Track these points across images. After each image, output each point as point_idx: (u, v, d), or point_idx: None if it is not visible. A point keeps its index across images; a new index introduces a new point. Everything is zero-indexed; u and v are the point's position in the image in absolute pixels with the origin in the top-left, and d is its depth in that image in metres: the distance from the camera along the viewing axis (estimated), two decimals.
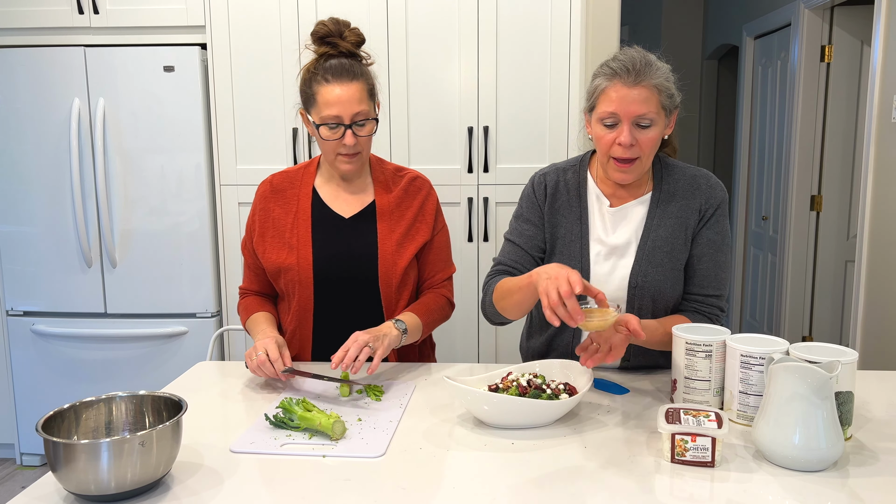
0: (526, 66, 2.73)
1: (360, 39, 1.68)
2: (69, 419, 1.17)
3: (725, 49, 5.24)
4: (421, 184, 1.79)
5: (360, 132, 1.64)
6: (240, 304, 1.83)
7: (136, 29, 2.85)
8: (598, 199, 1.63)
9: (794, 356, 1.25)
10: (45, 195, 2.91)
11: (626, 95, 1.46)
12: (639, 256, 1.58)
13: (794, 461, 1.15)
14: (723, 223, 1.60)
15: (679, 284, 1.60)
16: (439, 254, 1.81)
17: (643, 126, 1.48)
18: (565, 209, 1.64)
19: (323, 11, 2.72)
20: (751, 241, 4.61)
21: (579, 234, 1.62)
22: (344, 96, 1.60)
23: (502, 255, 1.69)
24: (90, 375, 2.99)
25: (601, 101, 1.50)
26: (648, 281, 1.57)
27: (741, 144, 4.66)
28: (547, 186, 1.65)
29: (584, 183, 1.64)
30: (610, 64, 1.50)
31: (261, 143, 2.78)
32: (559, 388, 1.36)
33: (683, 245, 1.59)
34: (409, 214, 1.75)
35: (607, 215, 1.62)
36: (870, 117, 2.92)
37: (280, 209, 1.75)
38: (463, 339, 2.88)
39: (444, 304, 1.79)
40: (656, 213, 1.60)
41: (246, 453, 1.24)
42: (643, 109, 1.46)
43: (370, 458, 1.22)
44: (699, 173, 1.63)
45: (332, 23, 1.65)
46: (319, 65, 1.63)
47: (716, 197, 1.60)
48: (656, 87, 1.47)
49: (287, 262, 1.70)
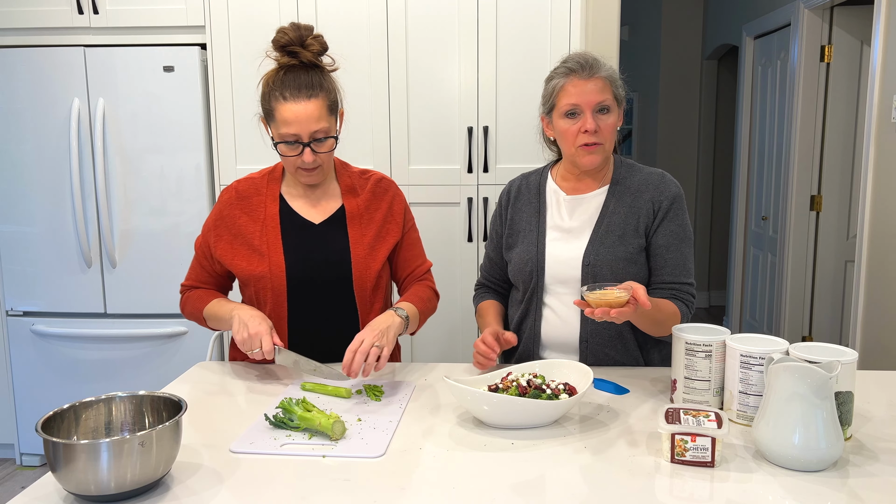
0: (526, 66, 2.73)
1: (323, 48, 1.63)
2: (69, 419, 1.17)
3: (725, 49, 5.24)
4: (387, 185, 1.79)
5: (319, 149, 1.61)
6: (189, 296, 1.77)
7: (136, 29, 2.84)
8: (555, 193, 1.76)
9: (794, 356, 1.25)
10: (45, 195, 2.91)
11: (584, 87, 1.60)
12: (592, 238, 1.67)
13: (793, 461, 1.15)
14: (682, 216, 1.69)
15: (632, 266, 1.65)
16: (413, 249, 1.81)
17: (603, 113, 1.61)
18: (525, 206, 1.78)
19: (323, 11, 2.72)
20: (751, 241, 4.61)
21: (537, 223, 1.74)
22: (302, 115, 1.56)
23: (482, 270, 1.91)
24: (90, 376, 2.99)
25: (561, 97, 1.62)
26: (600, 259, 1.64)
27: (741, 144, 4.66)
28: (511, 191, 1.82)
29: (544, 182, 1.79)
30: (563, 65, 1.65)
31: (260, 143, 2.78)
32: (559, 388, 1.36)
33: (634, 232, 1.66)
34: (378, 216, 1.74)
35: (563, 203, 1.74)
36: (869, 117, 2.92)
37: (246, 216, 1.71)
38: (463, 339, 2.88)
39: (432, 295, 1.80)
40: (611, 201, 1.70)
41: (246, 453, 1.24)
42: (601, 97, 1.60)
43: (370, 458, 1.22)
44: (655, 171, 1.74)
45: (293, 30, 1.60)
46: (278, 79, 1.59)
47: (669, 191, 1.69)
48: (609, 79, 1.62)
49: (258, 269, 1.67)
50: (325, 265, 1.69)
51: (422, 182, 2.79)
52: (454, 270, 2.83)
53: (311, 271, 1.69)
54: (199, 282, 1.79)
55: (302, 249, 1.69)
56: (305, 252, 1.69)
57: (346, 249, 1.70)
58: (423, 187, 2.79)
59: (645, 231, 1.67)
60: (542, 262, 1.70)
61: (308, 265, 1.69)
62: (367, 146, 2.78)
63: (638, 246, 1.66)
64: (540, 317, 1.73)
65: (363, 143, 2.77)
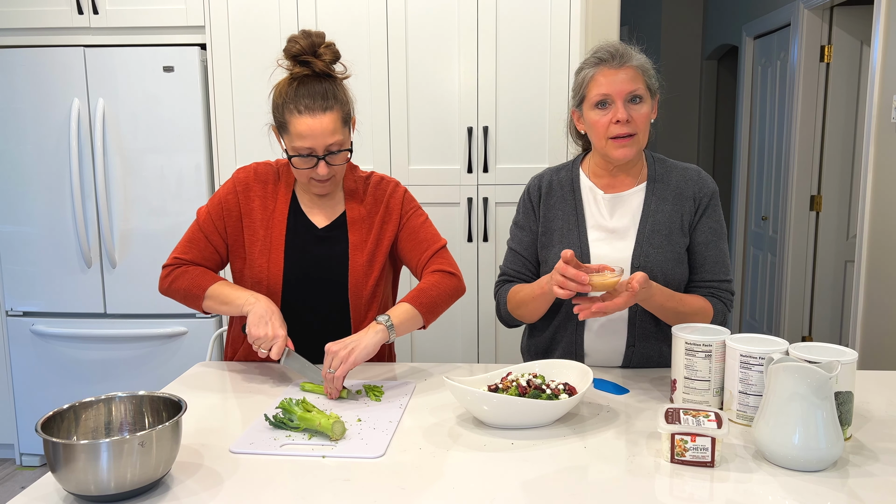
0: (526, 66, 2.73)
1: (336, 56, 1.60)
2: (69, 419, 1.17)
3: (725, 49, 5.24)
4: (385, 185, 1.75)
5: (333, 161, 1.60)
6: (181, 270, 1.67)
7: (136, 29, 2.84)
8: (591, 190, 1.69)
9: (794, 356, 1.25)
10: (45, 195, 2.91)
11: (615, 76, 1.55)
12: (639, 239, 1.62)
13: (793, 461, 1.15)
14: (719, 213, 1.67)
15: (679, 267, 1.63)
16: (417, 235, 1.72)
17: (635, 103, 1.56)
18: (560, 204, 1.69)
19: (323, 11, 2.72)
20: (750, 241, 4.61)
21: (576, 223, 1.67)
22: (317, 129, 1.54)
23: (506, 264, 1.77)
24: (90, 376, 2.99)
25: (591, 87, 1.57)
26: (650, 261, 1.60)
27: (741, 144, 4.66)
28: (542, 187, 1.72)
29: (577, 178, 1.71)
30: (593, 55, 1.60)
31: (260, 144, 2.78)
32: (559, 389, 1.36)
33: (680, 231, 1.63)
34: (377, 220, 1.72)
35: (602, 202, 1.67)
36: (869, 117, 2.92)
37: (259, 201, 1.69)
38: (463, 339, 2.88)
39: (440, 279, 1.67)
40: (652, 199, 1.65)
41: (245, 454, 1.24)
42: (633, 86, 1.55)
43: (370, 458, 1.22)
44: (690, 167, 1.71)
45: (304, 38, 1.56)
46: (292, 90, 1.56)
47: (708, 187, 1.66)
48: (640, 68, 1.58)
49: (258, 262, 1.66)
50: (322, 270, 1.68)
51: (422, 182, 2.79)
52: None
53: (308, 275, 1.68)
54: (193, 255, 1.69)
55: (303, 252, 1.69)
56: (305, 255, 1.68)
57: (345, 255, 1.69)
58: (422, 187, 2.79)
59: (688, 229, 1.64)
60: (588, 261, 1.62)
61: (306, 268, 1.68)
62: (367, 146, 2.78)
63: (683, 245, 1.64)
64: (582, 324, 1.67)
65: (363, 143, 2.77)
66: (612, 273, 1.42)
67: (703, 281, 1.66)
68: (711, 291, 1.65)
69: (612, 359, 1.68)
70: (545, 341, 1.73)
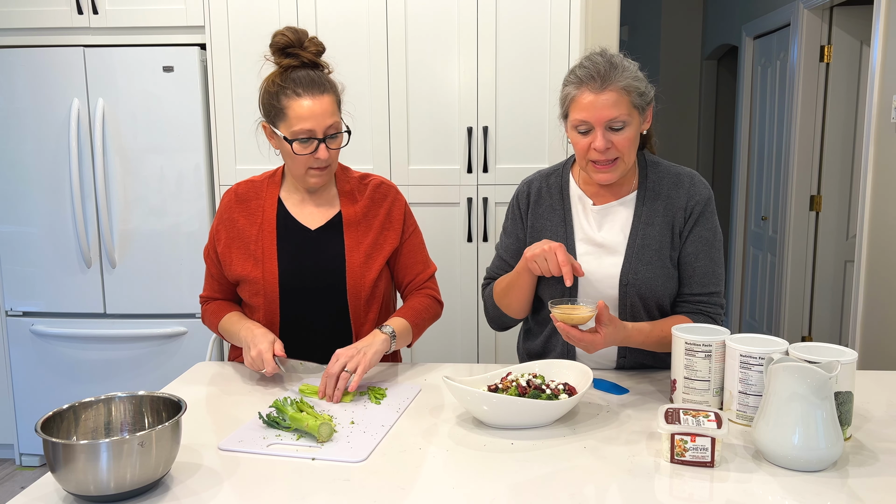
0: (526, 66, 2.73)
1: (321, 49, 1.64)
2: (68, 420, 1.17)
3: (725, 49, 5.24)
4: (386, 190, 1.75)
5: (332, 145, 1.61)
6: (206, 309, 1.79)
7: (136, 29, 2.84)
8: (580, 199, 1.66)
9: (794, 356, 1.25)
10: (45, 195, 2.91)
11: (595, 101, 1.47)
12: (628, 254, 1.59)
13: (793, 461, 1.15)
14: (712, 220, 1.62)
15: (670, 282, 1.60)
16: (415, 256, 1.78)
17: (616, 129, 1.50)
18: (549, 212, 1.67)
19: (322, 11, 2.72)
20: (750, 241, 4.61)
21: (564, 234, 1.64)
22: (317, 109, 1.57)
23: (491, 268, 1.77)
24: (89, 376, 2.99)
25: (572, 108, 1.52)
26: (639, 279, 1.57)
27: (740, 144, 4.66)
28: (530, 194, 1.69)
29: (566, 185, 1.68)
30: (576, 71, 1.52)
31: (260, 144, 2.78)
32: (559, 389, 1.36)
33: (670, 243, 1.60)
34: (376, 224, 1.72)
35: (591, 214, 1.64)
36: (869, 117, 2.92)
37: (245, 219, 1.71)
38: (463, 339, 2.88)
39: (432, 303, 1.76)
40: (643, 211, 1.61)
41: (233, 451, 1.24)
42: (614, 113, 1.47)
43: (351, 462, 1.20)
44: (683, 171, 1.65)
45: (291, 32, 1.60)
46: (286, 77, 1.59)
47: (701, 194, 1.61)
48: (624, 89, 1.48)
49: (252, 274, 1.67)
50: (319, 272, 1.68)
51: (421, 182, 2.79)
52: (454, 271, 2.83)
53: (305, 278, 1.67)
54: (213, 292, 1.79)
55: (297, 256, 1.68)
56: (300, 258, 1.68)
57: (342, 256, 1.68)
58: (422, 187, 2.79)
59: (679, 240, 1.60)
60: (574, 281, 1.57)
61: (302, 272, 1.67)
62: (367, 146, 2.78)
63: (674, 258, 1.60)
64: None
65: (363, 143, 2.77)
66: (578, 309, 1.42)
67: (691, 294, 1.61)
68: (699, 307, 1.61)
69: (605, 366, 1.67)
70: (539, 346, 1.72)
